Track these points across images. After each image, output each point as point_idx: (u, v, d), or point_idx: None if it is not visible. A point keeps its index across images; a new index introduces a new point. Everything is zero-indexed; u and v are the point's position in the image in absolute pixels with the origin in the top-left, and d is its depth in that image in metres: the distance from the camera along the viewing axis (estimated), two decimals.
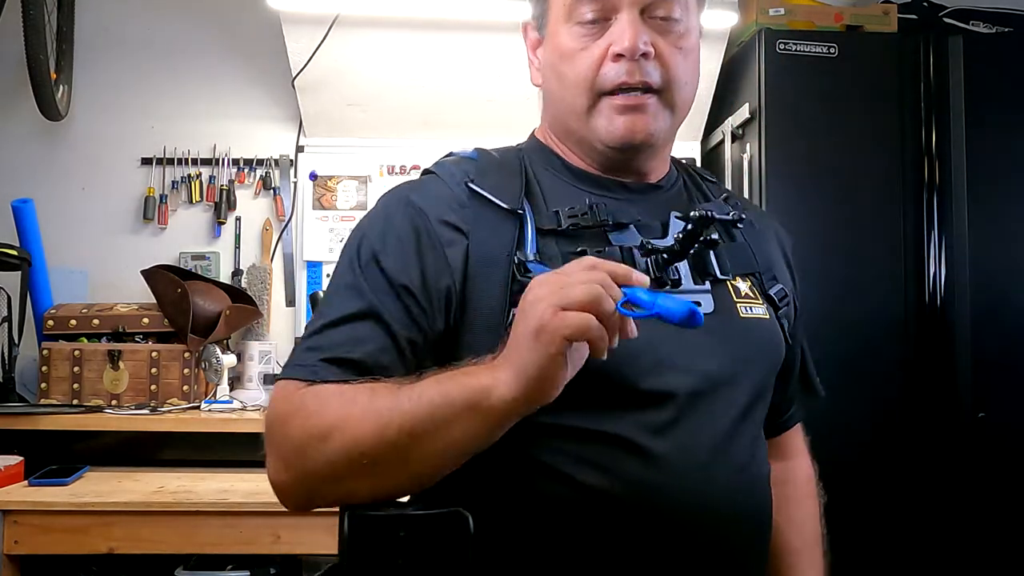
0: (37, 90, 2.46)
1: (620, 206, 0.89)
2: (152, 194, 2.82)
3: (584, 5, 0.86)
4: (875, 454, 2.28)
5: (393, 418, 0.73)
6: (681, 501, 0.80)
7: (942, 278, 2.34)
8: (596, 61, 0.86)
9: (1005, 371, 2.32)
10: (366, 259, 0.84)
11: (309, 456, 0.76)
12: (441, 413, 0.71)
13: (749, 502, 0.86)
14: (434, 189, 0.88)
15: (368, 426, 0.74)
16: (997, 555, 2.28)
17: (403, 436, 0.72)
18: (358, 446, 0.74)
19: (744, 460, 0.86)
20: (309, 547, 1.85)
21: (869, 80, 2.38)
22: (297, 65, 2.64)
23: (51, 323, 2.49)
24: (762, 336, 0.91)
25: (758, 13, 2.49)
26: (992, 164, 2.36)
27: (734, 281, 0.91)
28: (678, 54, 0.88)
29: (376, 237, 0.85)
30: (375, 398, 0.75)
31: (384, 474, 0.75)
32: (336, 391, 0.77)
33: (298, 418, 0.77)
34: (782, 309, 0.95)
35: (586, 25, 0.86)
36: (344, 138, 2.87)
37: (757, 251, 0.96)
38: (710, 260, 0.89)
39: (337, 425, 0.75)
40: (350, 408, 0.75)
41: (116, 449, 2.35)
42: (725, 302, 0.89)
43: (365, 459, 0.74)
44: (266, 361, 2.71)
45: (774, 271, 0.97)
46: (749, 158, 2.43)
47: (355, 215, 2.84)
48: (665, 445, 0.80)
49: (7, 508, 1.80)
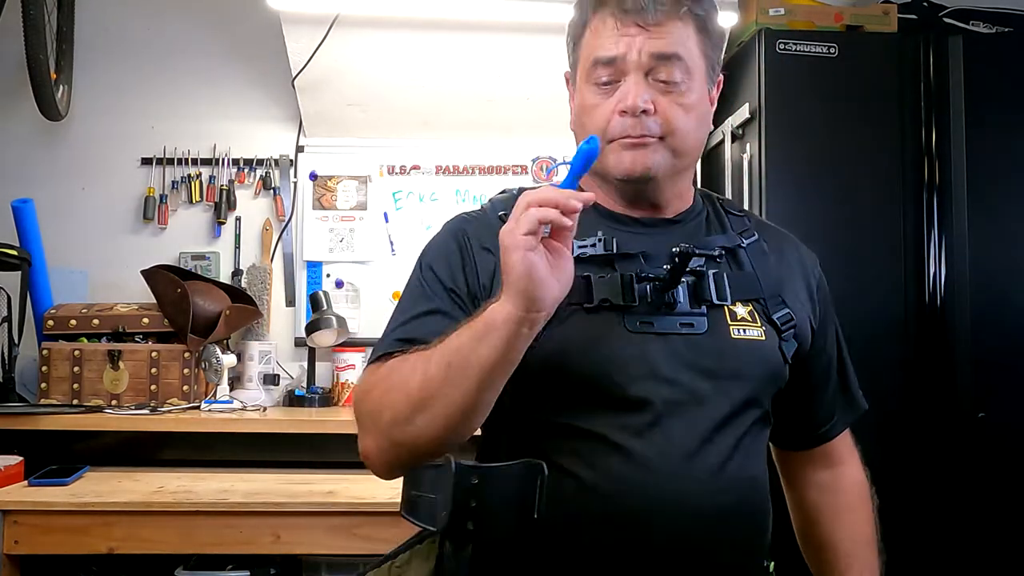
0: (37, 90, 2.46)
1: (631, 239, 1.05)
2: (152, 194, 2.82)
3: (600, 69, 1.03)
4: (875, 454, 2.27)
5: (432, 356, 0.91)
6: (657, 496, 0.92)
7: (942, 278, 2.34)
8: (607, 115, 1.03)
9: (1005, 371, 2.32)
10: (427, 271, 1.06)
11: (383, 413, 0.94)
12: (466, 341, 0.88)
13: (727, 500, 0.95)
14: (480, 219, 1.09)
15: (419, 370, 0.91)
16: (997, 555, 2.28)
17: (442, 368, 0.89)
18: (414, 388, 0.91)
19: (720, 462, 0.96)
20: (309, 547, 1.85)
21: (869, 80, 2.37)
22: (297, 65, 2.64)
23: (51, 323, 2.49)
24: (752, 356, 1.02)
25: (758, 13, 2.49)
26: (992, 164, 2.36)
27: (732, 306, 1.03)
28: (678, 109, 1.02)
29: (433, 255, 1.07)
30: (424, 353, 0.93)
31: (437, 406, 0.89)
32: (401, 359, 0.96)
33: (375, 389, 0.96)
34: (785, 332, 1.06)
35: (601, 86, 1.04)
36: (344, 138, 2.88)
37: (764, 277, 1.08)
38: (708, 287, 1.02)
39: (398, 379, 0.93)
40: (405, 366, 0.94)
41: (116, 449, 2.35)
42: (718, 324, 1.01)
43: (420, 397, 0.90)
44: (266, 361, 2.71)
45: (783, 296, 1.08)
46: (749, 158, 2.43)
47: (355, 215, 2.85)
48: (643, 445, 0.93)
49: (7, 508, 1.80)
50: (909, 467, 2.28)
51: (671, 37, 1.01)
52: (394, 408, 0.92)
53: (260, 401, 2.58)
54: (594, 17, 1.05)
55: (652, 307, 0.99)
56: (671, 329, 0.99)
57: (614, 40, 1.02)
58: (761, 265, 1.09)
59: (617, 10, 1.02)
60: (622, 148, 1.03)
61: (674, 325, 0.99)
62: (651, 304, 0.99)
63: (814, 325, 1.12)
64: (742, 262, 1.08)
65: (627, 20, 1.01)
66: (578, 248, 1.01)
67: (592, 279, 0.99)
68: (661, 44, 1.01)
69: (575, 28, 1.09)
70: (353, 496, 1.86)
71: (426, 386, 0.90)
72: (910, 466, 2.28)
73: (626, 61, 1.01)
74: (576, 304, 0.97)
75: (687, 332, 0.99)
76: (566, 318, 0.96)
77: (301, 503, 1.83)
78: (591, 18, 1.05)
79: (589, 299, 0.98)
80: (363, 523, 1.80)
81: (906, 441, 2.29)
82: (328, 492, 1.90)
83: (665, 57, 1.01)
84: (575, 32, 1.09)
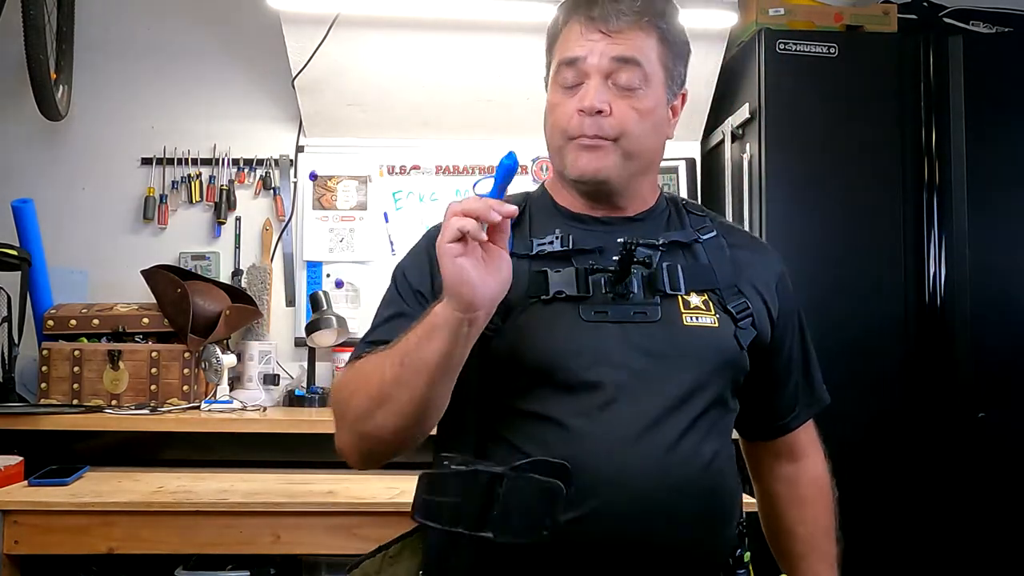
0: (37, 90, 2.46)
1: (588, 236, 1.12)
2: (152, 194, 2.82)
3: (565, 70, 1.12)
4: (875, 454, 2.28)
5: (389, 356, 0.98)
6: (605, 473, 0.98)
7: (942, 278, 2.34)
8: (569, 114, 1.10)
9: (1005, 371, 2.32)
10: (400, 276, 1.15)
11: (349, 410, 1.03)
12: (414, 341, 0.96)
13: (677, 478, 1.00)
14: None
15: (378, 369, 0.99)
16: (997, 555, 2.28)
17: (396, 366, 0.96)
18: (373, 386, 0.99)
19: (670, 442, 1.01)
20: (309, 547, 1.85)
21: (869, 80, 2.38)
22: (297, 65, 2.64)
23: (51, 323, 2.49)
24: (704, 341, 1.08)
25: (758, 13, 2.49)
26: (992, 164, 2.36)
27: (686, 296, 1.10)
28: (633, 113, 1.09)
29: (408, 262, 1.17)
30: (384, 352, 1.00)
31: (392, 402, 0.97)
32: (366, 359, 1.04)
33: (344, 389, 1.05)
34: (741, 320, 1.11)
35: (567, 87, 1.12)
36: (344, 138, 2.88)
37: (720, 270, 1.14)
38: (661, 277, 1.09)
39: (362, 378, 1.02)
40: (368, 365, 1.02)
41: (116, 449, 2.35)
42: (671, 313, 1.08)
43: (378, 394, 0.98)
44: (266, 361, 2.71)
45: (740, 287, 1.14)
46: (749, 158, 2.43)
47: (355, 215, 2.85)
48: (592, 426, 1.00)
49: (7, 508, 1.79)
50: (909, 467, 2.29)
51: (631, 43, 1.09)
52: (358, 405, 1.01)
53: (260, 401, 2.58)
54: (565, 26, 1.14)
55: (607, 297, 1.07)
56: (625, 318, 1.06)
57: (579, 44, 1.10)
58: (718, 259, 1.15)
59: (584, 17, 1.10)
60: (578, 149, 1.10)
61: (628, 314, 1.06)
62: (606, 295, 1.07)
63: (774, 317, 1.17)
64: (698, 255, 1.15)
65: (592, 27, 1.10)
66: (537, 245, 1.10)
67: (549, 273, 1.07)
68: (620, 49, 1.09)
69: (550, 36, 1.18)
70: (353, 496, 1.86)
71: (382, 384, 0.98)
72: (910, 466, 2.29)
73: (588, 63, 1.09)
74: (534, 297, 1.06)
75: (640, 320, 1.06)
76: (525, 310, 1.05)
77: (301, 503, 1.82)
78: (563, 27, 1.14)
79: (546, 292, 1.06)
80: (363, 523, 1.80)
81: (906, 441, 2.29)
82: (328, 492, 1.90)
83: (624, 60, 1.09)
84: (550, 40, 1.18)
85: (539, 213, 1.18)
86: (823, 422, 1.28)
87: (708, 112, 2.77)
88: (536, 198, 1.22)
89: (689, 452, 1.02)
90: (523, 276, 1.07)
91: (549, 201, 1.20)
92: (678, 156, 2.81)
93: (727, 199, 2.54)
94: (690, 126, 2.83)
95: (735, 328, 1.10)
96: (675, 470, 1.00)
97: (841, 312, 2.30)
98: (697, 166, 2.83)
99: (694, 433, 1.03)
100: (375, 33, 2.59)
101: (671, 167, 2.79)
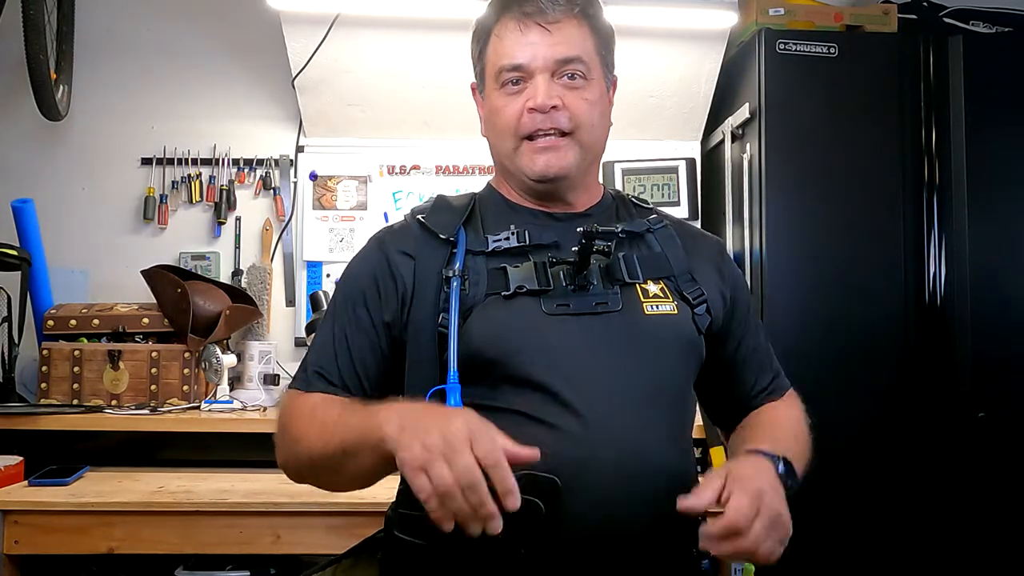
0: (37, 90, 2.46)
1: (543, 231, 1.13)
2: (152, 194, 2.82)
3: (508, 73, 1.12)
4: (875, 453, 2.28)
5: (330, 440, 0.98)
6: (571, 459, 0.98)
7: (942, 278, 2.34)
8: (517, 113, 1.11)
9: (1005, 371, 2.32)
10: (342, 287, 1.16)
11: (291, 451, 1.06)
12: (352, 441, 0.95)
13: (647, 464, 1.01)
14: (398, 227, 1.19)
15: (318, 443, 1.00)
16: (997, 554, 2.28)
17: (334, 448, 0.97)
18: (311, 455, 1.02)
19: (641, 424, 1.02)
20: (309, 547, 1.85)
21: (869, 80, 2.37)
22: (297, 65, 2.64)
23: (51, 323, 2.49)
24: (666, 329, 1.09)
25: (758, 13, 2.49)
26: (992, 164, 2.36)
27: (644, 284, 1.12)
28: (584, 104, 1.11)
29: (351, 272, 1.17)
30: (329, 420, 1.01)
31: (329, 475, 1.03)
32: (311, 406, 1.06)
33: (292, 427, 1.07)
34: (697, 306, 1.13)
35: (510, 87, 1.12)
36: (344, 138, 2.88)
37: (673, 258, 1.16)
38: (619, 267, 1.11)
39: (304, 433, 1.03)
40: (312, 425, 1.03)
41: (116, 449, 2.35)
42: (632, 302, 1.09)
43: (314, 464, 1.03)
44: (266, 361, 2.71)
45: (693, 274, 1.16)
46: (749, 158, 2.43)
47: (355, 215, 2.85)
48: (558, 418, 1.00)
49: (7, 508, 1.80)
50: (909, 467, 2.28)
51: (571, 41, 1.11)
52: (298, 458, 1.05)
53: (260, 401, 2.58)
54: (497, 24, 1.14)
55: (567, 290, 1.07)
56: (586, 309, 1.07)
57: (520, 47, 1.10)
58: (670, 247, 1.17)
59: (519, 14, 1.11)
60: (535, 152, 1.11)
61: (589, 305, 1.07)
62: (566, 287, 1.08)
63: (726, 296, 1.19)
64: (651, 244, 1.17)
65: (529, 23, 1.10)
66: (492, 242, 1.11)
67: (508, 269, 1.08)
68: (563, 49, 1.10)
69: (480, 36, 1.18)
70: (353, 496, 1.82)
71: (317, 459, 1.01)
72: (910, 466, 2.28)
73: (531, 67, 1.10)
74: (495, 293, 1.06)
75: (602, 311, 1.07)
76: (487, 307, 1.06)
77: (301, 503, 1.83)
78: (494, 25, 1.14)
79: (506, 287, 1.07)
80: (363, 523, 1.79)
81: (906, 441, 2.29)
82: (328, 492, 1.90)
83: (568, 61, 1.10)
84: (480, 41, 1.18)
85: (490, 211, 1.18)
86: (823, 422, 1.27)
87: (708, 112, 2.77)
88: (485, 196, 1.22)
89: (663, 434, 1.04)
90: (481, 273, 1.08)
91: (500, 198, 1.20)
92: (678, 156, 2.80)
93: (727, 199, 2.54)
94: (690, 126, 2.83)
95: (692, 314, 1.12)
96: (643, 458, 1.01)
97: (841, 312, 2.29)
98: (697, 166, 2.82)
99: (660, 420, 1.04)
100: (375, 33, 2.59)
101: (671, 167, 2.79)
